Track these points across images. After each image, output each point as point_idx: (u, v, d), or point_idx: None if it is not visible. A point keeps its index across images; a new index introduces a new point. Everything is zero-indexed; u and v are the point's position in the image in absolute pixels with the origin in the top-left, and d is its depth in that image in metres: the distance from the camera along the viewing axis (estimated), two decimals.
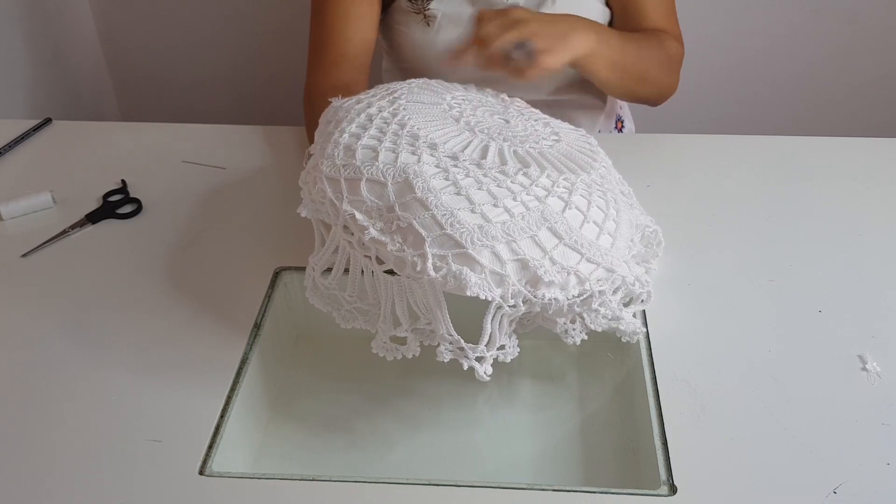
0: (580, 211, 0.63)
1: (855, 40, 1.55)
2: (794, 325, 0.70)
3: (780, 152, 0.95)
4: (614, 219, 0.66)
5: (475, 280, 0.58)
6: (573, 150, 0.72)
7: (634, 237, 0.71)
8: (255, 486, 0.57)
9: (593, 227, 0.63)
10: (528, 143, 0.70)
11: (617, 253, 0.64)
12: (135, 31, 1.66)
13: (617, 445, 0.67)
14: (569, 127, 0.79)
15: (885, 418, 0.61)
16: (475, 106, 0.75)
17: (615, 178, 0.75)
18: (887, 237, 0.80)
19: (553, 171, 0.66)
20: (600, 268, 0.62)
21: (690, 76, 1.51)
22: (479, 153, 0.66)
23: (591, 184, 0.67)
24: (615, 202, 0.68)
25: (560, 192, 0.64)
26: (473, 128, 0.71)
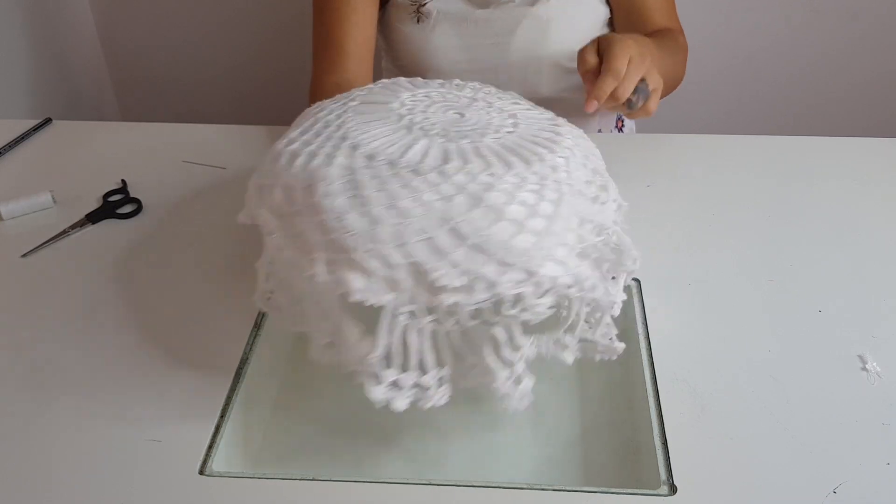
0: (494, 208, 0.58)
1: (855, 40, 1.55)
2: (794, 325, 0.70)
3: (780, 152, 0.95)
4: (547, 215, 0.59)
5: (359, 285, 0.56)
6: (525, 141, 0.67)
7: (586, 235, 0.64)
8: (255, 486, 0.57)
9: (508, 226, 0.57)
10: (471, 138, 0.66)
11: (541, 252, 0.58)
12: (135, 31, 1.66)
13: (617, 445, 0.67)
14: (538, 114, 0.75)
15: (885, 418, 0.61)
16: (428, 104, 0.72)
17: (576, 169, 0.69)
18: (887, 237, 0.80)
19: (481, 164, 0.62)
20: (515, 269, 0.57)
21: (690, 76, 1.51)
22: (417, 154, 0.63)
23: (525, 177, 0.62)
24: (556, 197, 0.61)
25: (475, 189, 0.59)
26: (412, 126, 0.67)
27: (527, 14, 0.99)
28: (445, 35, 1.00)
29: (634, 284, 0.74)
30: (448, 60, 1.02)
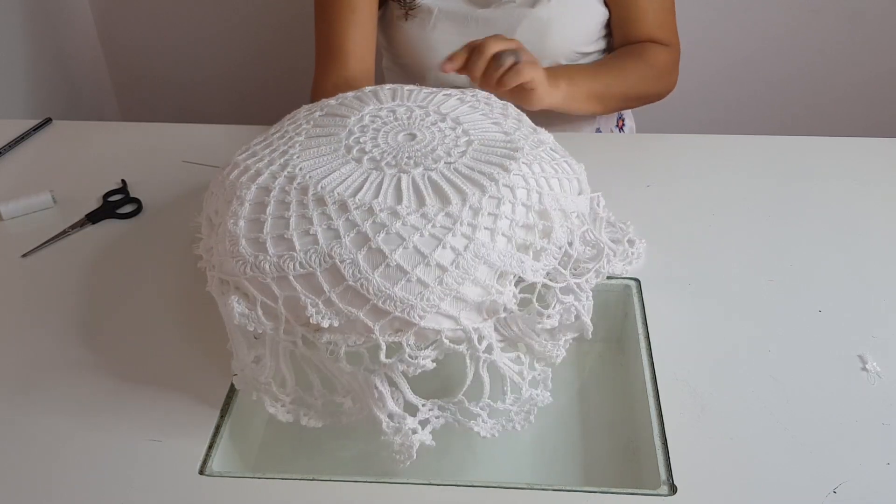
0: (380, 252, 0.55)
1: (855, 40, 1.55)
2: (794, 325, 0.70)
3: (780, 152, 0.95)
4: (441, 264, 0.56)
5: (240, 310, 0.57)
6: (476, 163, 0.63)
7: (502, 286, 0.58)
8: (255, 486, 0.57)
9: (393, 272, 0.55)
10: (406, 167, 0.63)
11: (424, 303, 0.55)
12: (135, 31, 1.66)
13: (617, 445, 0.67)
14: (490, 114, 0.71)
15: (885, 418, 0.61)
16: (379, 127, 0.68)
17: (511, 212, 0.61)
18: (887, 237, 0.80)
19: (393, 199, 0.59)
20: (391, 317, 0.55)
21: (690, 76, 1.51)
22: (334, 181, 0.61)
23: (433, 219, 0.58)
24: (463, 245, 0.57)
25: (368, 228, 0.57)
26: (352, 149, 0.65)
27: (527, 15, 0.99)
28: (446, 34, 1.00)
29: (634, 284, 0.74)
30: None
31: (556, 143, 0.71)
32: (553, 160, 0.67)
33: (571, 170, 0.68)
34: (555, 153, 0.68)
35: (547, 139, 0.70)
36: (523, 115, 0.74)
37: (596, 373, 0.74)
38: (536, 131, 0.70)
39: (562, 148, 0.71)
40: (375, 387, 0.57)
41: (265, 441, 0.69)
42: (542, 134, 0.70)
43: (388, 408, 0.58)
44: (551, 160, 0.67)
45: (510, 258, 0.59)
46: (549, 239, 0.61)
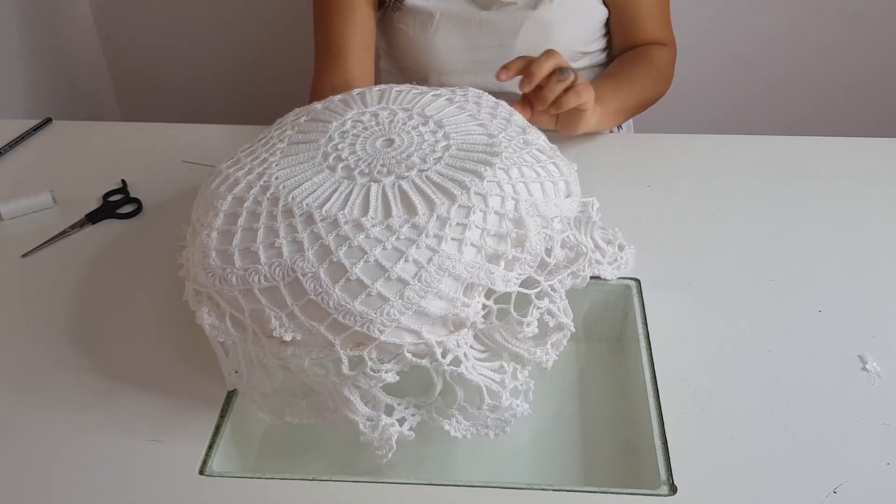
0: (341, 266, 0.55)
1: (855, 40, 1.55)
2: (794, 325, 0.70)
3: (780, 152, 0.95)
4: (402, 278, 0.55)
5: (210, 321, 0.58)
6: (450, 170, 0.63)
7: (469, 299, 0.58)
8: (255, 486, 0.57)
9: (354, 286, 0.55)
10: (380, 175, 0.62)
11: (384, 317, 0.54)
12: (135, 31, 1.66)
13: (617, 445, 0.67)
14: (477, 115, 0.70)
15: (885, 418, 0.61)
16: (359, 132, 0.68)
17: (483, 221, 0.60)
18: (887, 237, 0.80)
19: (360, 210, 0.59)
20: (351, 331, 0.55)
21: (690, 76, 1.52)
22: (304, 192, 0.61)
23: (397, 231, 0.57)
24: (426, 258, 0.56)
25: (331, 241, 0.56)
26: (328, 157, 0.65)
27: (529, 17, 0.99)
28: (449, 37, 1.00)
29: (634, 284, 0.74)
30: (451, 62, 1.02)
31: (546, 142, 0.70)
32: (538, 162, 0.66)
33: (559, 171, 0.67)
34: (542, 154, 0.67)
35: (535, 139, 0.68)
36: (515, 114, 0.73)
37: (596, 373, 0.74)
38: (525, 131, 0.69)
39: (552, 147, 0.70)
40: (344, 395, 0.57)
41: (265, 441, 0.69)
42: (530, 134, 0.69)
43: (361, 412, 0.58)
44: (536, 163, 0.65)
45: (478, 269, 0.58)
46: (523, 248, 0.60)
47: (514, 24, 1.00)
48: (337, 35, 0.98)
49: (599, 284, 0.74)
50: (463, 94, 0.74)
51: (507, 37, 1.01)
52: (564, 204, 0.65)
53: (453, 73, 1.04)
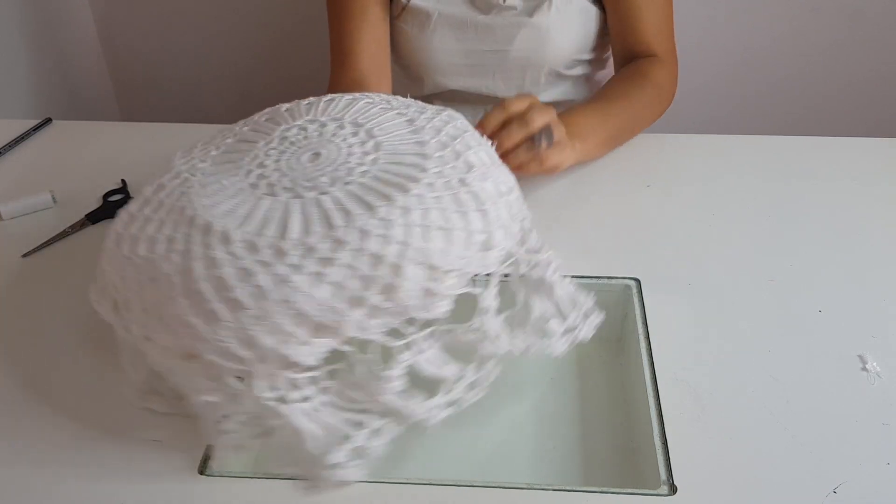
0: (196, 273, 0.54)
1: (855, 40, 1.55)
2: (794, 325, 0.70)
3: (780, 152, 0.95)
4: (257, 303, 0.53)
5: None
6: (384, 176, 0.60)
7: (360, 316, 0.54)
8: (255, 486, 0.57)
9: (196, 296, 0.54)
10: (301, 190, 0.59)
11: (219, 333, 0.53)
12: (135, 31, 1.66)
13: (617, 445, 0.67)
14: (397, 119, 0.67)
15: (885, 418, 0.61)
16: (281, 151, 0.65)
17: (405, 231, 0.56)
18: (887, 237, 0.80)
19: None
20: (185, 340, 0.54)
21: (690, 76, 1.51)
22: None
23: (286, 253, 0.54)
24: (294, 281, 0.53)
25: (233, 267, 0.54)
26: (250, 174, 0.62)
27: (526, 23, 0.99)
28: (445, 39, 1.01)
29: (634, 284, 0.74)
30: (447, 63, 1.03)
31: (492, 187, 0.61)
32: (457, 207, 0.58)
33: (483, 222, 0.58)
34: (471, 200, 0.59)
35: (475, 161, 0.61)
36: (466, 132, 0.66)
37: (596, 373, 0.74)
38: (470, 170, 0.61)
39: (500, 192, 0.62)
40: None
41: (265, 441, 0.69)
42: (470, 154, 0.62)
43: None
44: (454, 206, 0.58)
45: (327, 311, 0.53)
46: (390, 297, 0.54)
47: (511, 30, 1.00)
48: (347, 35, 0.98)
49: (599, 284, 0.74)
50: (416, 108, 0.70)
51: (504, 42, 1.01)
52: (475, 258, 0.57)
53: (449, 76, 1.04)
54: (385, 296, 0.54)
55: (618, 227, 0.82)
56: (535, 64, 1.02)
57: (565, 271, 0.74)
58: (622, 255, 0.77)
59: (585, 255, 0.78)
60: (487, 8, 1.00)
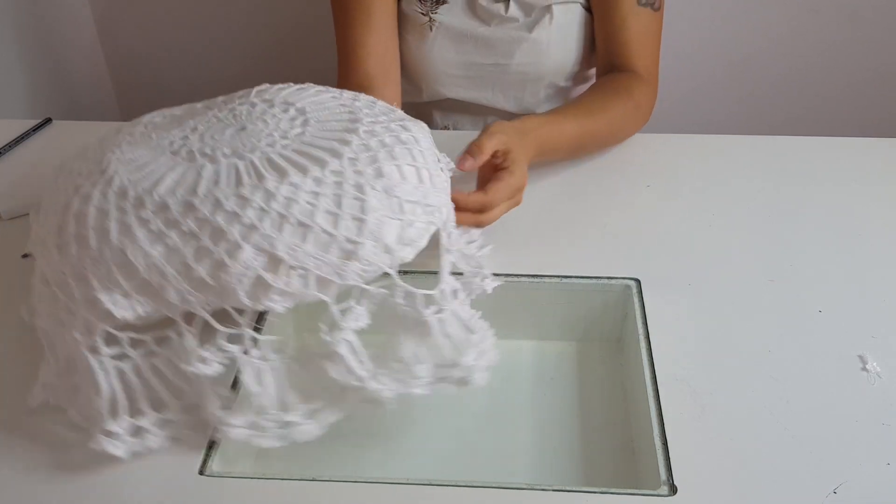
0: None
1: (855, 40, 1.55)
2: (794, 325, 0.70)
3: (780, 152, 0.95)
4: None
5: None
6: (316, 139, 0.62)
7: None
8: (255, 486, 0.57)
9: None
10: (255, 151, 0.62)
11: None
12: (135, 31, 1.66)
13: (617, 445, 0.67)
14: (331, 101, 0.70)
15: (885, 418, 0.61)
16: (205, 129, 0.67)
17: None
18: (887, 237, 0.80)
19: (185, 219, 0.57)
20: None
21: (690, 76, 1.51)
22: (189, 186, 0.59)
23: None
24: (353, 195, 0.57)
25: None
26: (192, 154, 0.63)
27: (525, 38, 0.99)
28: (444, 50, 1.01)
29: (634, 284, 0.74)
30: (445, 74, 1.03)
31: (401, 190, 0.60)
32: (334, 208, 0.57)
33: (356, 230, 0.57)
34: (357, 199, 0.58)
35: (388, 172, 0.60)
36: (406, 145, 0.64)
37: (596, 373, 0.74)
38: (390, 160, 0.62)
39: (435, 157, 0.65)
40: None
41: None
42: (388, 166, 0.61)
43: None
44: (330, 206, 0.58)
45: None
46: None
47: (511, 43, 1.00)
48: (352, 38, 0.98)
49: (599, 284, 0.74)
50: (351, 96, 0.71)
51: (504, 57, 1.01)
52: (330, 263, 0.57)
53: (447, 86, 1.04)
54: (213, 272, 0.55)
55: (618, 227, 0.82)
56: (535, 78, 1.03)
57: (566, 272, 0.74)
58: (622, 255, 0.77)
59: (585, 255, 0.78)
60: (489, 18, 0.99)
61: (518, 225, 0.82)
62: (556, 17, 0.98)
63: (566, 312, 0.75)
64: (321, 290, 0.55)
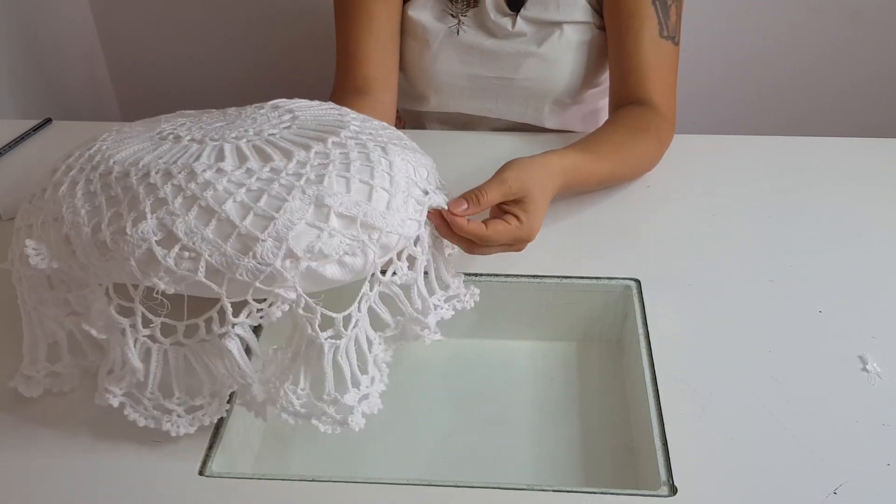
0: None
1: (855, 40, 1.55)
2: (794, 325, 0.70)
3: (781, 152, 0.95)
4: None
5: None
6: (282, 140, 0.63)
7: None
8: (255, 486, 0.57)
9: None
10: (218, 140, 0.63)
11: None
12: (135, 31, 1.66)
13: (617, 445, 0.67)
14: (308, 103, 0.72)
15: (885, 418, 0.61)
16: (194, 123, 0.69)
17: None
18: (887, 237, 0.80)
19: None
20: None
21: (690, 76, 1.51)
22: (125, 158, 0.62)
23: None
24: (379, 154, 0.60)
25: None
26: (166, 136, 0.66)
27: (533, 53, 0.97)
28: (449, 61, 1.00)
29: (634, 284, 0.74)
30: (449, 84, 1.02)
31: (342, 206, 0.58)
32: (247, 206, 0.56)
33: (260, 227, 0.55)
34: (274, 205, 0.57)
35: (333, 191, 0.58)
36: (378, 167, 0.62)
37: (596, 373, 0.74)
38: (386, 152, 0.63)
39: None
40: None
41: (265, 441, 0.69)
42: (337, 183, 0.59)
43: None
44: (248, 203, 0.57)
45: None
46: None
47: (518, 59, 0.98)
48: (352, 41, 0.97)
49: (599, 284, 0.74)
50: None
51: (510, 71, 0.99)
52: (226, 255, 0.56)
53: (452, 97, 1.03)
54: (114, 236, 0.56)
55: (618, 227, 0.82)
56: (540, 94, 1.01)
57: (566, 272, 0.74)
58: (622, 255, 0.77)
59: (585, 255, 0.78)
60: (497, 31, 0.99)
61: None
62: (566, 34, 0.96)
63: (566, 312, 0.75)
64: (210, 279, 0.54)
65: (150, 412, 0.59)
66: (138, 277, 0.55)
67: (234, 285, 0.55)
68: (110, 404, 0.59)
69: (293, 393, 0.58)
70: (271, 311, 0.55)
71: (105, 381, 0.59)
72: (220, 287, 0.54)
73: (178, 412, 0.59)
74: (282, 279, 0.54)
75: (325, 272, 0.56)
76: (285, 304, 0.55)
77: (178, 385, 0.59)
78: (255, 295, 0.55)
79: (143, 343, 0.58)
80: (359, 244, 0.56)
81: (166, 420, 0.59)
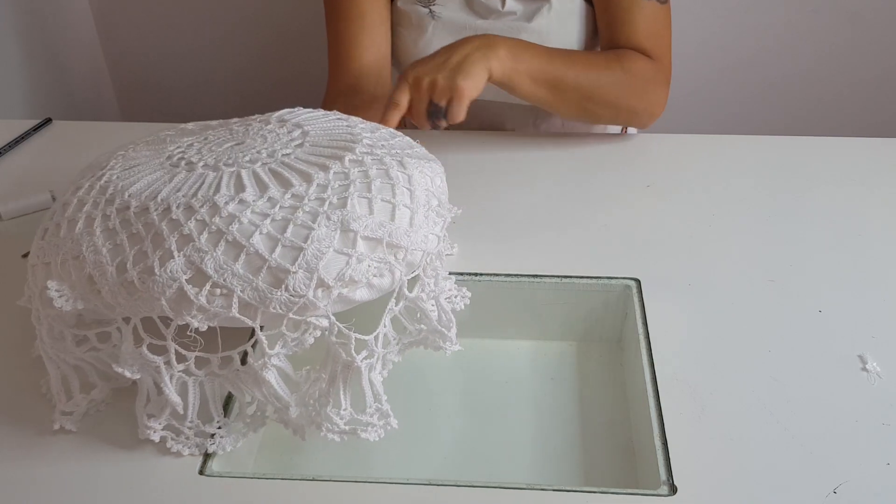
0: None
1: (855, 40, 1.55)
2: (794, 325, 0.70)
3: (780, 152, 0.95)
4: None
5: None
6: (298, 161, 0.63)
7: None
8: (255, 486, 0.57)
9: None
10: (233, 165, 0.62)
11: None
12: (135, 31, 1.66)
13: (617, 445, 0.67)
14: (313, 114, 0.72)
15: (885, 418, 0.61)
16: (202, 144, 0.68)
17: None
18: (887, 237, 0.80)
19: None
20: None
21: (691, 76, 1.51)
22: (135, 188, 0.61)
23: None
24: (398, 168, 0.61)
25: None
26: (172, 158, 0.65)
27: (525, 28, 0.98)
28: (443, 44, 1.00)
29: (634, 284, 0.74)
30: None
31: (349, 224, 0.57)
32: (244, 236, 0.56)
33: (267, 248, 0.55)
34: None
35: (352, 214, 0.57)
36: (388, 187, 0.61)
37: (596, 373, 0.74)
38: (404, 165, 0.63)
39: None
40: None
41: (265, 441, 0.69)
42: (357, 202, 0.59)
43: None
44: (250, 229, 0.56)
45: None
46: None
47: (511, 34, 0.99)
48: (344, 38, 0.98)
49: (599, 284, 0.74)
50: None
51: None
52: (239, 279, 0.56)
53: None
54: (142, 276, 0.55)
55: (618, 227, 0.82)
56: None
57: (566, 272, 0.74)
58: (622, 255, 0.78)
59: (585, 254, 0.78)
60: (486, 13, 0.99)
61: (518, 225, 0.82)
62: (554, 6, 0.97)
63: (566, 312, 0.75)
64: (244, 314, 0.54)
65: (192, 440, 0.59)
66: (171, 316, 0.55)
67: (266, 317, 0.55)
68: (152, 440, 0.59)
69: (336, 415, 0.58)
70: (304, 338, 0.56)
71: (143, 415, 0.59)
72: (254, 320, 0.54)
73: (220, 434, 0.59)
74: (314, 308, 0.54)
75: (355, 296, 0.56)
76: (317, 331, 0.56)
77: (216, 410, 0.59)
78: (287, 325, 0.55)
79: (178, 378, 0.57)
80: (386, 265, 0.57)
81: (210, 444, 0.59)
